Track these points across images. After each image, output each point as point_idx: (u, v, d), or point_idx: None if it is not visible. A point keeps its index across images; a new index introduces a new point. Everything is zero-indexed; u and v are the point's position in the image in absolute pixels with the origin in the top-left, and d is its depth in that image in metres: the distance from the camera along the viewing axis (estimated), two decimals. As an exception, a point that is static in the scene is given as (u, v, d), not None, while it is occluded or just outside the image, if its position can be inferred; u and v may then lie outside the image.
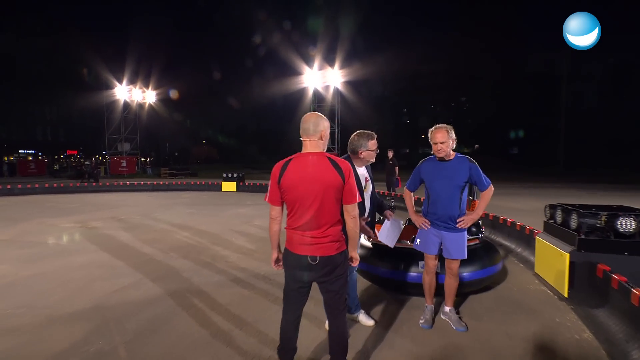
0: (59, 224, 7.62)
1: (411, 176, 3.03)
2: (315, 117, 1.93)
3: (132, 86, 26.95)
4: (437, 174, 2.78)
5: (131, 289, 3.78)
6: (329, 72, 23.13)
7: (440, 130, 2.71)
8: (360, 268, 3.80)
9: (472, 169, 2.73)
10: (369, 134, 2.69)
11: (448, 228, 2.81)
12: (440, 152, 2.70)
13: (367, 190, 2.75)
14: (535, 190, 15.14)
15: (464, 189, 2.77)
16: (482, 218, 6.59)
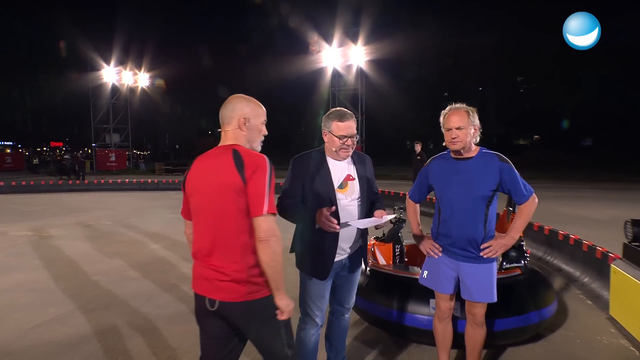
0: (9, 232, 7.61)
1: (416, 180, 2.55)
2: (234, 99, 1.76)
3: (121, 67, 27.42)
4: (451, 177, 2.28)
5: (56, 324, 3.50)
6: (352, 49, 22.56)
7: (457, 112, 2.23)
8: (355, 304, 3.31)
9: (503, 172, 2.20)
10: (340, 113, 2.21)
11: (467, 257, 2.29)
12: (456, 142, 2.21)
13: (345, 192, 2.24)
14: (614, 194, 14.02)
15: (491, 200, 2.24)
16: (531, 233, 5.92)
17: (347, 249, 2.30)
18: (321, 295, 2.28)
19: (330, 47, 22.84)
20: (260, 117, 1.76)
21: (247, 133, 1.73)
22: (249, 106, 1.74)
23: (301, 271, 2.31)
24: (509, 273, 3.07)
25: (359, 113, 23.48)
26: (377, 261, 3.46)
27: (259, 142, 1.80)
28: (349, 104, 23.85)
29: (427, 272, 2.46)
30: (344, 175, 2.27)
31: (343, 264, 2.31)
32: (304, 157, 2.28)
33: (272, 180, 1.57)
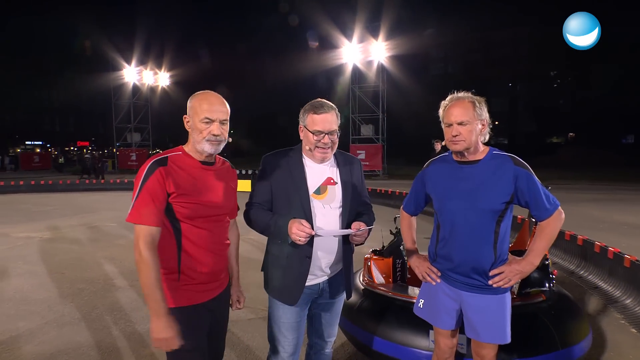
0: (12, 233, 7.59)
1: (411, 187, 2.12)
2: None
3: (142, 67, 27.87)
4: (452, 186, 1.87)
5: (21, 341, 3.27)
6: (373, 44, 21.99)
7: (460, 103, 1.80)
8: (344, 327, 2.89)
9: (519, 179, 1.75)
10: (317, 104, 1.84)
11: (472, 287, 1.85)
12: (458, 141, 1.79)
13: (323, 198, 1.86)
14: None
15: (503, 215, 1.80)
16: (561, 243, 5.28)
17: (326, 270, 1.90)
18: (291, 325, 1.89)
19: (350, 43, 22.36)
20: (199, 114, 1.58)
21: (191, 133, 1.63)
22: (190, 103, 1.63)
23: (268, 294, 1.95)
24: (530, 300, 2.55)
25: (379, 111, 22.88)
26: (373, 279, 3.01)
27: (204, 142, 1.60)
28: (370, 102, 23.31)
29: (423, 300, 2.04)
30: (324, 178, 1.88)
31: (321, 288, 1.92)
32: (277, 155, 1.93)
33: (145, 185, 1.50)
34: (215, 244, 1.67)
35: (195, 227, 1.60)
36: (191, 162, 1.63)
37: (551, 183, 3.03)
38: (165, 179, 1.52)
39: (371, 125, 23.51)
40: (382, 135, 23.15)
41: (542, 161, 29.32)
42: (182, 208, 1.56)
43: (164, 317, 1.46)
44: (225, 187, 1.72)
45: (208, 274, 1.65)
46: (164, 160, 1.57)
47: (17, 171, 27.70)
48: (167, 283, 1.58)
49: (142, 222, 1.48)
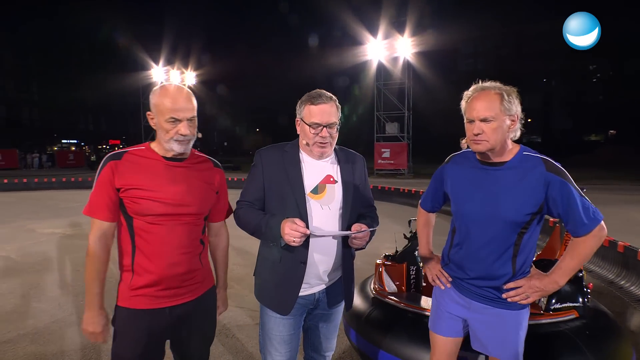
0: (38, 229, 7.80)
1: (430, 183, 1.91)
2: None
3: (169, 67, 28.56)
4: (472, 188, 1.64)
5: (26, 340, 3.25)
6: (398, 40, 21.53)
7: (484, 95, 1.53)
8: (350, 338, 2.71)
9: (551, 186, 1.49)
10: (315, 94, 1.68)
11: (485, 298, 1.65)
12: (480, 141, 1.53)
13: (321, 198, 1.68)
14: None
15: (528, 226, 1.55)
16: (599, 250, 4.83)
17: (324, 277, 1.72)
18: (283, 338, 1.73)
19: (375, 39, 21.99)
20: (164, 114, 1.48)
21: (157, 131, 1.54)
22: (152, 99, 1.53)
23: (260, 302, 1.79)
24: (560, 316, 2.26)
25: (405, 108, 22.38)
26: (384, 286, 2.79)
27: (172, 142, 1.51)
28: (395, 99, 22.87)
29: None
30: (322, 175, 1.70)
31: (317, 298, 1.75)
32: (271, 150, 1.76)
33: (97, 179, 1.48)
34: (175, 246, 1.52)
35: (150, 225, 1.49)
36: (153, 157, 1.54)
37: (588, 183, 2.72)
38: (114, 173, 1.47)
39: (396, 123, 23.08)
40: (408, 134, 22.66)
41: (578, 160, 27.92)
42: (133, 203, 1.47)
43: (95, 311, 1.49)
44: (198, 186, 1.59)
45: (165, 279, 1.51)
46: (119, 154, 1.52)
47: (53, 168, 28.97)
48: (122, 281, 1.53)
49: (93, 215, 1.49)
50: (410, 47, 21.73)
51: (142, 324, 1.51)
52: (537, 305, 2.36)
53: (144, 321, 1.52)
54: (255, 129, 67.88)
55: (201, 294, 1.64)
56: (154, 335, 1.54)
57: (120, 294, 1.53)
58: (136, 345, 1.51)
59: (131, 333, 1.51)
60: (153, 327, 1.53)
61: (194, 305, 1.61)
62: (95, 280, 1.48)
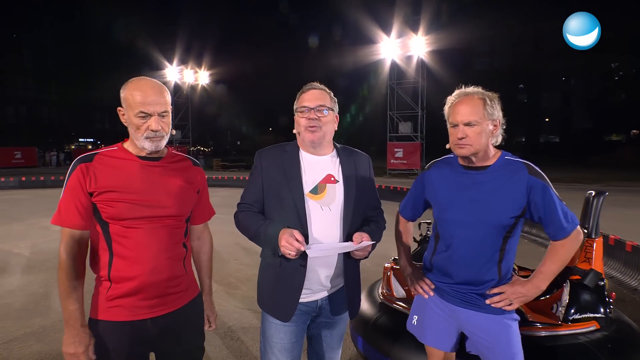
0: (52, 227, 7.83)
1: (410, 190, 1.89)
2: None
3: (183, 66, 28.82)
4: (456, 194, 1.65)
5: (32, 339, 3.26)
6: (412, 39, 21.27)
7: (468, 100, 1.57)
8: (357, 345, 2.63)
9: (534, 191, 1.52)
10: (307, 85, 1.68)
11: (468, 303, 1.65)
12: (464, 145, 1.57)
13: (321, 199, 1.60)
14: None
15: (512, 230, 1.58)
16: (622, 255, 4.64)
17: (325, 284, 1.65)
18: (284, 346, 1.65)
19: (389, 38, 21.75)
20: (133, 108, 1.40)
21: (128, 128, 1.44)
22: (122, 93, 1.43)
23: (261, 309, 1.72)
24: (579, 328, 2.14)
25: (419, 108, 22.12)
26: (392, 292, 2.69)
27: (142, 139, 1.43)
28: (409, 99, 22.61)
29: (417, 316, 1.83)
30: (323, 174, 1.63)
31: (319, 306, 1.67)
32: (271, 150, 1.71)
33: (67, 184, 1.39)
34: (156, 251, 1.43)
35: (128, 229, 1.40)
36: (127, 157, 1.45)
37: (610, 185, 2.59)
38: (85, 176, 1.38)
39: (410, 122, 22.81)
40: (421, 133, 22.37)
41: (599, 160, 27.18)
42: (108, 207, 1.38)
43: (75, 329, 1.36)
44: (177, 185, 1.51)
45: (146, 287, 1.41)
46: (90, 156, 1.43)
47: (65, 166, 29.61)
48: (97, 292, 1.43)
49: (64, 224, 1.39)
50: (424, 46, 21.44)
51: (122, 337, 1.41)
52: (555, 315, 2.24)
53: (123, 334, 1.41)
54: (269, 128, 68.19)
55: (185, 303, 1.55)
56: (135, 349, 1.44)
57: (95, 306, 1.42)
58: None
59: (110, 348, 1.40)
60: (134, 341, 1.43)
61: (178, 316, 1.52)
62: (71, 296, 1.36)
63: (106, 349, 1.40)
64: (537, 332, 2.11)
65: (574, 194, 12.38)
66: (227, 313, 3.71)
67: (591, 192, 2.53)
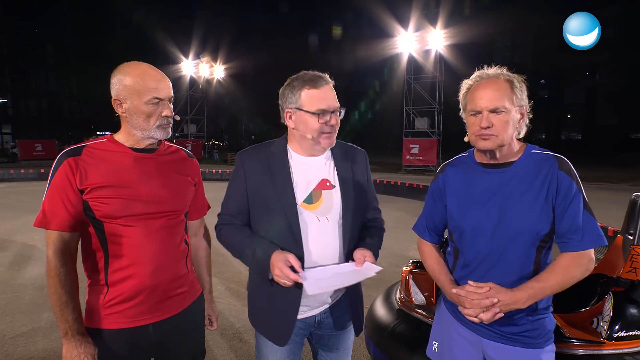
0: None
1: (426, 202, 1.55)
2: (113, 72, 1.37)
3: (198, 60, 28.89)
4: (474, 197, 1.37)
5: (39, 335, 3.22)
6: (430, 33, 20.80)
7: (492, 83, 1.29)
8: (373, 356, 2.46)
9: (560, 185, 1.25)
10: (312, 76, 1.40)
11: (497, 335, 1.35)
12: (489, 135, 1.28)
13: (317, 209, 1.39)
14: None
15: (549, 239, 1.30)
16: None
17: (325, 298, 1.46)
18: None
19: (406, 31, 21.33)
20: (142, 95, 1.28)
21: (128, 118, 1.31)
22: (120, 81, 1.29)
23: (254, 328, 1.54)
24: (626, 347, 1.91)
25: (436, 103, 21.67)
26: (411, 298, 2.50)
27: (154, 128, 1.32)
28: (426, 94, 22.19)
29: (438, 343, 1.56)
30: (317, 179, 1.42)
31: (317, 320, 1.49)
32: (253, 152, 1.49)
33: (52, 181, 1.24)
34: (156, 249, 1.31)
35: (124, 228, 1.27)
36: (119, 150, 1.31)
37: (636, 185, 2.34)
38: (74, 172, 1.23)
39: (426, 118, 22.41)
40: (438, 129, 21.94)
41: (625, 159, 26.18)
42: (102, 205, 1.24)
43: (76, 340, 1.24)
44: (173, 178, 1.38)
45: (146, 289, 1.30)
46: (78, 149, 1.27)
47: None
48: (93, 299, 1.29)
49: (50, 226, 1.24)
50: (442, 40, 20.94)
51: (123, 346, 1.30)
52: (596, 331, 2.01)
53: (123, 342, 1.30)
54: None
55: (188, 304, 1.43)
56: (136, 356, 1.34)
57: (91, 313, 1.31)
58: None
59: (110, 358, 1.29)
60: (136, 349, 1.32)
61: (181, 319, 1.40)
62: (68, 306, 1.23)
63: (107, 359, 1.28)
64: (575, 350, 1.90)
65: (598, 193, 11.91)
66: (235, 314, 3.58)
67: (638, 194, 2.27)
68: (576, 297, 2.34)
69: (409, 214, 8.71)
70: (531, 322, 1.32)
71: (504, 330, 1.34)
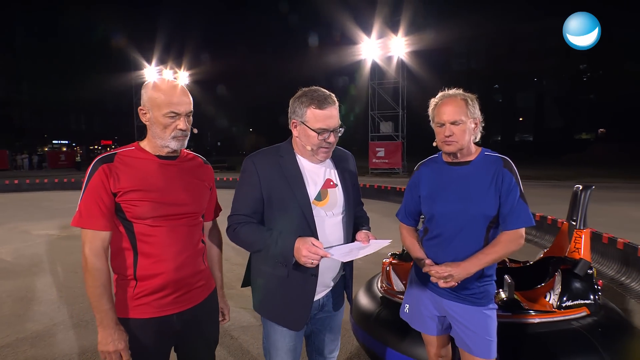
0: (33, 231, 7.67)
1: (404, 197, 1.93)
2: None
3: (162, 67, 28.33)
4: (443, 188, 1.76)
5: (26, 344, 3.18)
6: (393, 40, 21.57)
7: (452, 101, 1.69)
8: (359, 338, 2.68)
9: (504, 180, 1.65)
10: (319, 95, 1.56)
11: (455, 296, 1.74)
12: (451, 142, 1.68)
13: (325, 204, 1.62)
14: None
15: (495, 221, 1.69)
16: (600, 247, 4.87)
17: (329, 283, 1.69)
18: (292, 348, 1.67)
19: (369, 38, 21.97)
20: (162, 108, 1.42)
21: (150, 127, 1.47)
22: (147, 94, 1.46)
23: (263, 316, 1.71)
24: (571, 314, 2.26)
25: (399, 108, 22.42)
26: (392, 286, 2.77)
27: (169, 138, 1.45)
28: (390, 98, 22.88)
29: (409, 305, 1.95)
30: (323, 180, 1.64)
31: (321, 304, 1.70)
32: (264, 156, 1.65)
33: (88, 185, 1.38)
34: (179, 247, 1.47)
35: (152, 228, 1.42)
36: (145, 157, 1.46)
37: (583, 182, 2.75)
38: (108, 177, 1.37)
39: (391, 122, 23.09)
40: (402, 133, 22.68)
41: (570, 159, 28.16)
42: (132, 207, 1.39)
43: (111, 329, 1.37)
44: (192, 183, 1.54)
45: (171, 283, 1.45)
46: (110, 157, 1.42)
47: (44, 170, 28.65)
48: (122, 291, 1.43)
49: (87, 226, 1.38)
50: (404, 47, 21.76)
51: (150, 333, 1.44)
52: (549, 303, 2.35)
53: (151, 330, 1.44)
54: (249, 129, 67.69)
55: (206, 297, 1.60)
56: (162, 344, 1.48)
57: (122, 304, 1.43)
58: (145, 357, 1.45)
59: (139, 344, 1.43)
60: (162, 336, 1.47)
61: (200, 310, 1.56)
62: (102, 298, 1.36)
63: (136, 345, 1.42)
64: (532, 319, 2.21)
65: (549, 190, 12.86)
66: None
67: (578, 186, 2.66)
68: (533, 276, 2.70)
69: (379, 214, 9.04)
70: (478, 287, 1.70)
71: (459, 293, 1.71)
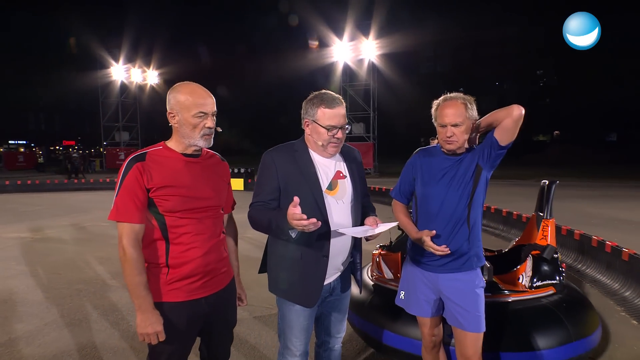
0: (2, 234, 7.40)
1: (400, 177, 2.13)
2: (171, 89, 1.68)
3: (130, 65, 27.42)
4: (438, 173, 1.95)
5: (21, 342, 3.17)
6: (363, 43, 22.02)
7: (453, 104, 1.87)
8: (353, 323, 2.88)
9: (483, 145, 1.91)
10: (328, 97, 1.77)
11: (448, 269, 1.93)
12: (452, 141, 1.88)
13: (335, 194, 1.82)
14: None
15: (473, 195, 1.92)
16: (559, 238, 5.35)
17: (340, 266, 1.88)
18: (303, 326, 1.86)
19: (341, 41, 22.32)
20: (190, 109, 1.55)
21: (179, 128, 1.59)
22: (175, 97, 1.58)
23: (279, 297, 1.88)
24: (541, 292, 2.58)
25: (370, 109, 22.91)
26: (382, 274, 3.00)
27: (198, 137, 1.59)
28: (361, 100, 23.33)
29: (404, 292, 2.11)
30: (334, 172, 1.84)
31: (332, 287, 1.89)
32: (281, 151, 1.84)
33: (124, 182, 1.50)
34: (206, 237, 1.63)
35: (182, 220, 1.57)
36: (173, 156, 1.60)
37: (540, 180, 3.11)
38: (142, 174, 1.51)
39: (362, 123, 23.51)
40: (373, 134, 23.17)
41: (530, 159, 29.71)
42: (164, 201, 1.54)
43: (149, 313, 1.50)
44: (214, 179, 1.70)
45: (200, 269, 1.61)
46: (142, 155, 1.56)
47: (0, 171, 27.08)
48: (155, 278, 1.57)
49: (123, 219, 1.49)
50: (374, 49, 22.24)
51: (183, 316, 1.58)
52: (522, 284, 2.66)
53: (183, 313, 1.58)
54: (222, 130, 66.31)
55: (228, 282, 1.76)
56: (193, 325, 1.63)
57: (155, 290, 1.55)
58: (177, 337, 1.58)
59: (173, 326, 1.56)
60: (192, 318, 1.61)
61: (224, 294, 1.72)
62: (139, 285, 1.49)
63: (170, 327, 1.55)
64: (508, 298, 2.51)
65: (512, 189, 13.64)
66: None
67: (545, 181, 3.00)
68: (508, 262, 3.01)
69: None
70: (468, 251, 1.89)
71: (451, 265, 1.90)
